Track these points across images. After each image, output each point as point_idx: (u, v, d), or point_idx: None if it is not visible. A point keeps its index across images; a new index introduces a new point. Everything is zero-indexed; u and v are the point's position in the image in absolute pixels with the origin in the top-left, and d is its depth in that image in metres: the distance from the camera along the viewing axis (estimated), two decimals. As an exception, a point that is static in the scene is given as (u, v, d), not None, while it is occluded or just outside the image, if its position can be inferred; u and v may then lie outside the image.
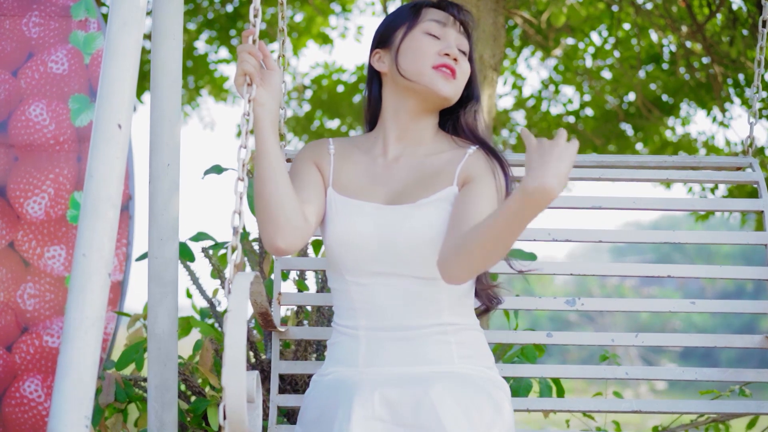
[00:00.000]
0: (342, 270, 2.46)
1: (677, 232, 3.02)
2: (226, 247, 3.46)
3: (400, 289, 2.40)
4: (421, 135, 2.54)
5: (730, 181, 3.10)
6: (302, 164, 2.54)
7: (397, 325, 2.40)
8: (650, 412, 2.96)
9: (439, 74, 2.45)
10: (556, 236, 2.99)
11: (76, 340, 2.27)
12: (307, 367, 2.96)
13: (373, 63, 2.57)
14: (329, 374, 2.46)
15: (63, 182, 3.92)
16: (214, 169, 3.42)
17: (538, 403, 3.01)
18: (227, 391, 2.05)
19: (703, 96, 6.62)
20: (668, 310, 3.01)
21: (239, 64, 2.32)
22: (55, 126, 3.93)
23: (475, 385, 2.31)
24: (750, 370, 2.98)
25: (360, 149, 2.57)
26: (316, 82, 8.10)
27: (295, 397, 2.92)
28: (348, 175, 2.51)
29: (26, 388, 3.88)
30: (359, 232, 2.41)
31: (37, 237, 3.92)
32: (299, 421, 2.45)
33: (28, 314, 3.90)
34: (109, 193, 2.35)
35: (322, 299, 3.05)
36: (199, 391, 3.26)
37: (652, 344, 2.99)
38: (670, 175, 3.10)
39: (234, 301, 2.13)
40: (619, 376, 2.98)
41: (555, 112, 7.62)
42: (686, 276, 3.03)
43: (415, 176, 2.47)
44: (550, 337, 2.98)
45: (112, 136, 2.37)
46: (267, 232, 2.35)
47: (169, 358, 2.89)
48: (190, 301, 3.57)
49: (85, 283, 2.30)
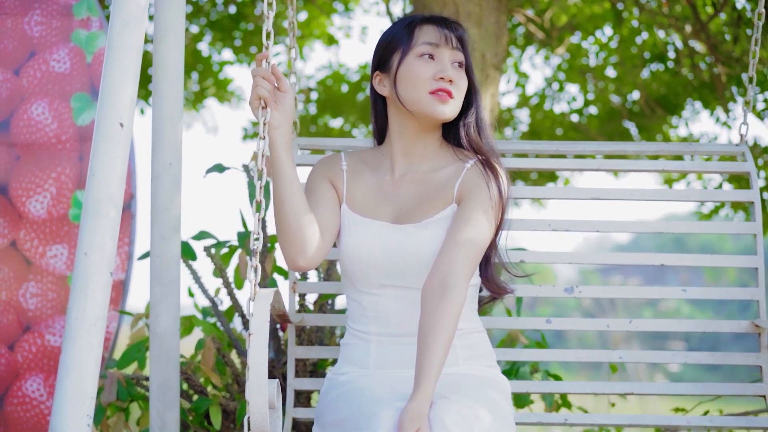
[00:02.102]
0: (354, 281, 2.61)
1: (671, 223, 3.11)
2: (228, 246, 3.46)
3: (407, 300, 2.55)
4: (425, 151, 2.64)
5: (723, 171, 3.17)
6: (317, 181, 2.65)
7: (404, 332, 2.55)
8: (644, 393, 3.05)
9: (436, 99, 2.53)
10: (556, 227, 3.05)
11: (78, 339, 2.27)
12: (321, 352, 3.12)
13: (376, 86, 2.65)
14: (343, 374, 2.60)
15: (65, 181, 3.92)
16: (215, 167, 3.41)
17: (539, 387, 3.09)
18: (251, 407, 2.21)
19: (706, 95, 6.61)
20: (660, 296, 3.11)
21: (254, 89, 2.40)
22: (57, 125, 3.93)
23: (479, 392, 2.41)
24: (737, 354, 3.07)
25: (369, 166, 2.67)
26: (322, 84, 8.10)
27: (309, 381, 3.06)
28: (359, 193, 2.63)
29: (28, 387, 3.88)
30: (368, 249, 2.56)
31: (39, 236, 3.92)
32: (317, 423, 2.56)
33: (30, 313, 3.90)
34: (111, 192, 2.35)
35: (332, 287, 3.17)
36: (201, 390, 3.25)
37: (645, 329, 3.07)
38: (666, 166, 3.15)
39: (256, 324, 2.24)
40: (613, 360, 3.06)
41: (558, 110, 7.61)
42: (680, 264, 3.16)
43: (419, 194, 2.59)
44: (550, 323, 3.07)
45: (114, 135, 2.37)
46: (289, 252, 2.50)
47: (171, 357, 2.89)
48: (192, 300, 3.56)
49: (87, 281, 2.29)
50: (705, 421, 3.03)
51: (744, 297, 3.05)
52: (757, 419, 2.99)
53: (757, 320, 3.00)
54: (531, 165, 3.17)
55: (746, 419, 3.03)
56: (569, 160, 3.17)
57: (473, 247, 2.45)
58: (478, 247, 2.47)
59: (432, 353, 2.30)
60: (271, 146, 2.43)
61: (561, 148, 3.19)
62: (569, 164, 3.17)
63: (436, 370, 2.29)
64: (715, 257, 3.10)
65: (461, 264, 2.42)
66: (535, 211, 8.23)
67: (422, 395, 2.25)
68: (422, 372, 2.29)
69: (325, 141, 3.26)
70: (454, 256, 2.42)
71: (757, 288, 3.03)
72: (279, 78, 2.46)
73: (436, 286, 2.39)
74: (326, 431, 2.50)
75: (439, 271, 2.41)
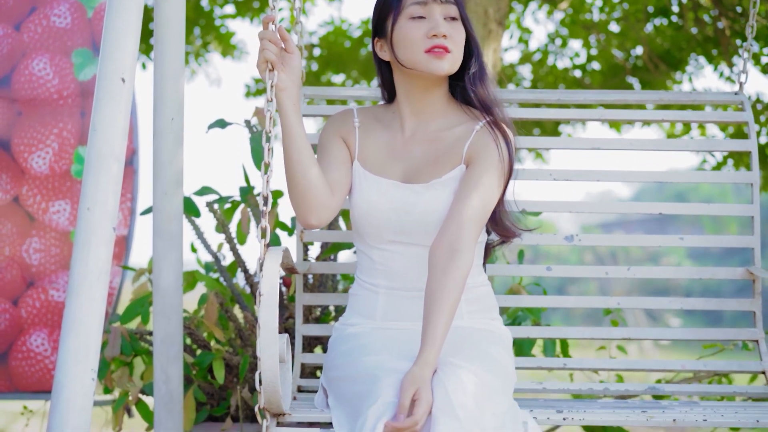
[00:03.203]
0: (364, 236, 2.65)
1: (671, 173, 3.16)
2: (231, 201, 3.46)
3: (415, 256, 2.59)
4: (432, 108, 2.65)
5: (722, 121, 3.18)
6: (329, 140, 2.68)
7: (412, 286, 2.59)
8: (640, 338, 3.12)
9: (432, 56, 2.54)
10: (557, 176, 3.09)
11: (81, 294, 2.28)
12: (328, 299, 3.14)
13: (378, 52, 2.66)
14: (352, 325, 2.66)
15: (67, 137, 3.92)
16: (218, 123, 3.41)
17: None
18: (263, 363, 2.26)
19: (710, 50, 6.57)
20: (657, 245, 3.15)
21: (261, 52, 2.41)
22: (58, 80, 3.92)
23: (481, 350, 2.45)
24: (732, 300, 3.12)
25: (381, 123, 2.69)
26: (324, 40, 8.05)
27: (317, 327, 3.10)
28: (371, 150, 2.66)
29: (32, 342, 3.90)
30: (378, 207, 2.60)
31: (42, 192, 3.92)
32: (325, 374, 2.61)
33: (34, 269, 3.91)
34: (113, 147, 2.35)
35: (338, 236, 3.20)
36: (205, 345, 3.27)
37: (643, 276, 3.13)
38: (665, 116, 3.17)
39: (266, 284, 2.27)
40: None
41: (561, 65, 7.57)
42: (676, 213, 3.20)
43: (428, 153, 2.62)
44: (550, 270, 3.11)
45: (115, 90, 2.37)
46: (300, 211, 2.53)
47: (174, 312, 2.90)
48: (194, 255, 3.57)
49: (90, 237, 2.30)
50: (699, 365, 3.09)
51: (739, 245, 3.11)
52: (747, 363, 3.04)
53: (752, 267, 3.06)
54: (534, 115, 3.18)
55: (738, 363, 3.07)
56: (571, 110, 3.19)
57: (481, 211, 2.49)
58: (486, 210, 2.51)
59: (437, 319, 2.35)
60: (280, 108, 2.45)
61: (563, 97, 3.21)
62: (571, 114, 3.18)
63: (441, 336, 2.34)
64: (712, 206, 3.15)
65: (469, 228, 2.45)
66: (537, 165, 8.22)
67: (425, 360, 2.30)
68: (427, 337, 2.33)
69: (331, 90, 3.28)
70: (461, 220, 2.46)
71: (752, 236, 3.07)
72: (286, 39, 2.47)
73: (444, 250, 2.43)
74: (332, 385, 2.53)
75: (448, 235, 2.45)
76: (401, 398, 2.23)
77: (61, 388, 2.25)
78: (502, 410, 2.33)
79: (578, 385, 3.07)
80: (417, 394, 2.23)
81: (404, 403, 2.23)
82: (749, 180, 3.09)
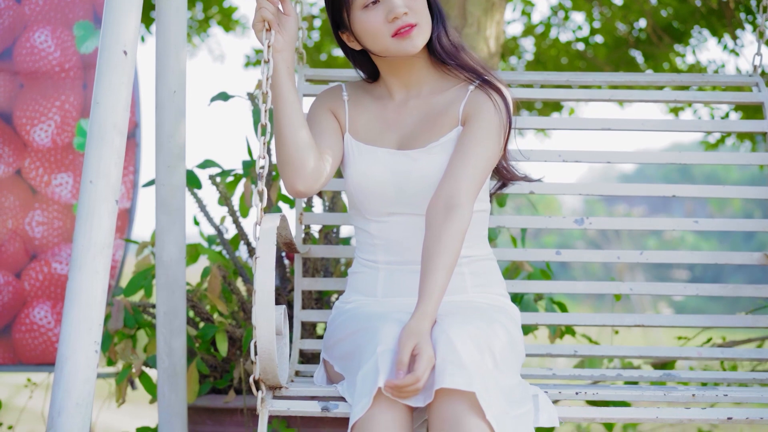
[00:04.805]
0: (361, 210, 2.59)
1: (683, 153, 3.08)
2: (234, 175, 3.46)
3: (415, 227, 2.51)
4: (419, 75, 2.58)
5: (736, 102, 3.12)
6: (319, 112, 2.63)
7: (412, 259, 2.50)
8: (653, 326, 3.04)
9: (400, 39, 2.46)
10: (566, 157, 3.03)
11: (84, 266, 2.29)
12: (328, 284, 3.11)
13: (348, 44, 2.58)
14: (351, 302, 2.59)
15: (69, 110, 3.91)
16: (220, 96, 3.40)
17: (545, 318, 3.09)
18: (258, 331, 2.20)
19: (714, 23, 6.55)
20: (672, 228, 3.09)
21: (257, 11, 2.39)
22: (60, 53, 3.91)
23: (486, 316, 2.38)
24: (749, 286, 3.05)
25: (371, 95, 2.64)
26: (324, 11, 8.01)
27: (316, 312, 3.06)
28: (362, 121, 2.60)
29: (36, 314, 3.91)
30: (374, 177, 2.53)
31: (44, 164, 3.92)
32: (325, 347, 2.57)
33: (36, 241, 3.91)
34: (116, 119, 2.35)
35: (339, 218, 3.16)
36: (207, 318, 3.28)
37: (656, 261, 3.06)
38: (678, 96, 3.12)
39: (262, 247, 2.24)
40: (623, 292, 3.05)
41: (564, 38, 7.53)
42: (690, 195, 3.12)
43: (423, 119, 2.55)
44: (559, 254, 3.05)
45: (117, 62, 2.36)
46: (287, 175, 2.47)
47: (177, 285, 2.90)
48: (197, 228, 3.57)
49: (92, 209, 2.30)
50: (717, 352, 3.02)
51: (755, 228, 3.03)
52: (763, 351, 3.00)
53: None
54: (538, 95, 3.15)
55: (755, 352, 3.03)
56: (576, 90, 3.15)
57: (479, 167, 2.42)
58: (485, 167, 2.44)
59: (435, 273, 2.27)
60: (274, 69, 2.41)
61: (570, 78, 3.16)
62: (577, 94, 3.15)
63: (438, 290, 2.26)
64: (726, 188, 3.07)
65: (467, 184, 2.39)
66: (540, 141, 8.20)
67: (423, 312, 2.22)
68: (424, 291, 2.26)
69: (332, 72, 3.24)
70: (459, 176, 2.39)
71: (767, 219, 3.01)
72: (283, 0, 2.45)
73: (441, 206, 2.36)
74: (332, 352, 2.50)
75: (444, 191, 2.38)
76: (399, 353, 2.16)
77: (65, 360, 2.25)
78: (513, 372, 2.30)
79: (590, 371, 2.99)
80: (417, 349, 2.16)
81: (403, 358, 2.15)
82: (763, 161, 3.03)
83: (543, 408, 2.30)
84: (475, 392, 2.11)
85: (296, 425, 3.10)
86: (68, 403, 2.23)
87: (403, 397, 2.16)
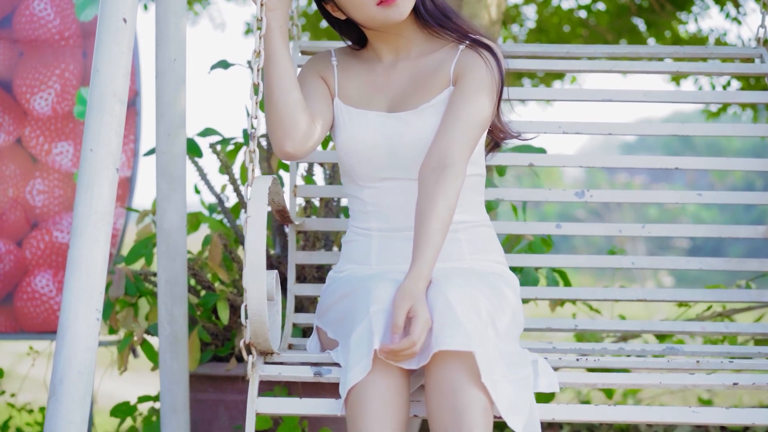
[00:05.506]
0: (353, 176, 2.54)
1: (686, 125, 3.04)
2: (234, 143, 3.45)
3: (408, 191, 2.46)
4: (407, 38, 2.54)
5: (739, 73, 3.11)
6: (308, 77, 2.59)
7: (407, 225, 2.45)
8: (655, 300, 3.00)
9: (385, 7, 2.40)
10: (567, 129, 3.02)
11: (85, 235, 2.29)
12: (323, 257, 3.08)
13: (334, 14, 2.54)
14: (344, 271, 2.55)
15: (69, 78, 3.90)
16: (220, 63, 3.39)
17: (546, 293, 3.07)
18: (249, 294, 2.17)
19: (717, -10, 6.52)
20: (675, 201, 3.08)
21: None
22: (59, 21, 3.90)
23: (484, 281, 2.35)
24: (753, 260, 3.03)
25: (359, 60, 2.60)
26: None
27: (311, 287, 3.02)
28: (351, 85, 2.56)
29: (37, 282, 3.92)
30: (365, 141, 2.49)
31: (45, 133, 3.91)
32: (318, 315, 2.55)
33: (37, 210, 3.92)
34: (116, 88, 2.34)
35: (335, 191, 3.13)
36: (209, 286, 3.28)
37: (658, 234, 3.03)
38: (680, 68, 3.11)
39: (253, 207, 2.22)
40: (625, 266, 3.03)
41: (566, 6, 7.50)
42: (693, 167, 3.09)
43: (413, 80, 2.51)
44: (559, 228, 3.02)
45: (117, 30, 2.35)
46: (276, 136, 2.43)
47: (178, 254, 2.91)
48: (198, 196, 3.57)
49: (93, 178, 2.30)
50: (720, 327, 3.00)
51: (758, 201, 3.01)
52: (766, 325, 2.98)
53: None
54: (542, 66, 3.13)
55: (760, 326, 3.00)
56: (581, 61, 3.13)
57: (472, 126, 2.38)
58: (478, 126, 2.40)
59: (429, 234, 2.24)
60: (266, 28, 2.39)
61: (572, 51, 3.14)
62: (581, 65, 3.13)
63: (433, 251, 2.23)
64: (728, 160, 3.05)
65: (460, 143, 2.35)
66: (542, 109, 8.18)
67: (417, 273, 2.19)
68: (418, 252, 2.23)
69: (327, 44, 3.21)
70: (452, 135, 2.35)
71: None
72: None
73: (433, 166, 2.32)
74: (325, 318, 2.48)
75: (437, 151, 2.35)
76: (394, 316, 2.13)
77: (66, 328, 2.26)
78: (512, 339, 2.28)
79: (591, 345, 2.95)
80: (412, 311, 2.13)
81: (398, 321, 2.12)
82: (765, 133, 3.01)
83: (543, 373, 2.28)
84: (473, 352, 2.10)
85: (298, 393, 3.11)
86: (70, 371, 2.24)
87: (398, 360, 2.14)
